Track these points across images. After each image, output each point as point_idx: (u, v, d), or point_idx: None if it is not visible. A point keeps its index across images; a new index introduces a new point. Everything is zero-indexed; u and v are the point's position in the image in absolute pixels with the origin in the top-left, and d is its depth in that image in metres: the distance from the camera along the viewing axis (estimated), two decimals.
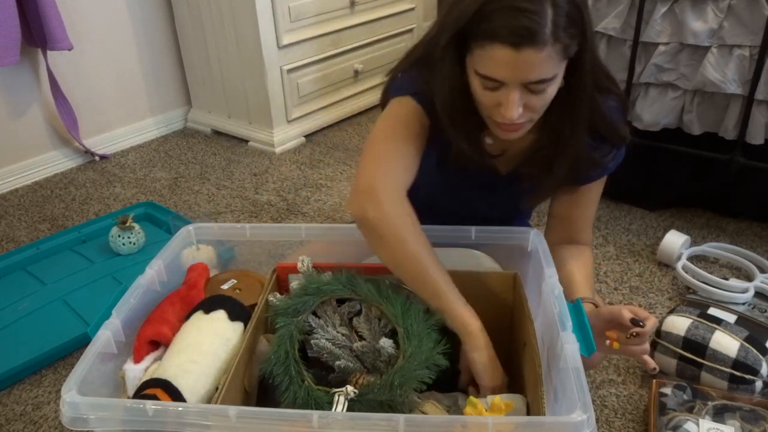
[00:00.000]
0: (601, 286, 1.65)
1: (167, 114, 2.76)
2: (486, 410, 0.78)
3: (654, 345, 1.34)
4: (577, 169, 1.02)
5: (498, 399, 0.77)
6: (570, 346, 0.78)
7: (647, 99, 1.75)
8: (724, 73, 1.60)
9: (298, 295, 0.94)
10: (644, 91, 1.76)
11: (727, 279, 1.57)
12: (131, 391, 0.87)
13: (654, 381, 1.27)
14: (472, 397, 0.79)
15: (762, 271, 1.63)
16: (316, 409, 0.83)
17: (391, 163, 0.94)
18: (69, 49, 2.19)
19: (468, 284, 1.00)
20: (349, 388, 0.83)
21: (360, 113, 2.83)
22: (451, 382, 0.97)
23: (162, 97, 2.72)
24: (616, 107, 1.01)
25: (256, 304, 1.00)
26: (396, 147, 0.96)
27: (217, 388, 0.86)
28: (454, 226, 1.04)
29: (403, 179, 0.95)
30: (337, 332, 0.92)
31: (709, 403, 1.18)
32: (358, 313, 0.94)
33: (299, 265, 0.99)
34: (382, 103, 1.07)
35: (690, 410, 1.17)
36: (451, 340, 0.91)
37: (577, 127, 0.95)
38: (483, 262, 1.06)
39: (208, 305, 0.96)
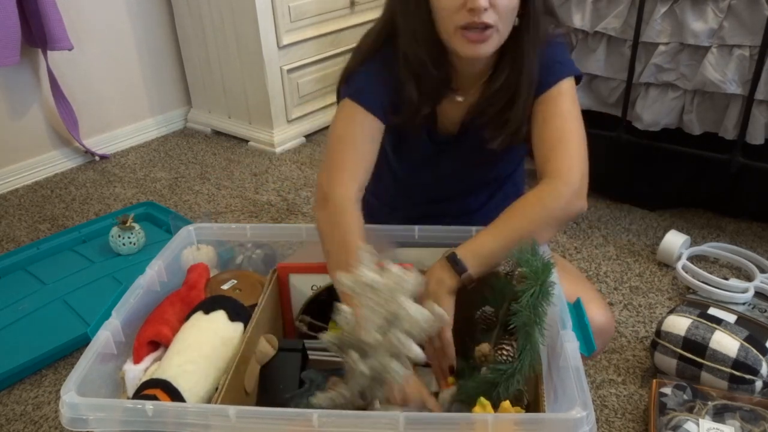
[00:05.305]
0: (601, 286, 1.65)
1: (167, 114, 2.76)
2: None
3: (654, 345, 1.34)
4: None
5: (507, 404, 0.78)
6: (570, 345, 0.78)
7: (647, 99, 1.75)
8: (724, 73, 1.60)
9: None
10: (644, 91, 1.76)
11: (727, 279, 1.57)
12: (131, 392, 0.87)
13: (654, 381, 1.27)
14: (482, 398, 0.80)
15: (762, 271, 1.63)
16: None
17: (345, 169, 1.00)
18: (69, 49, 2.19)
19: (468, 284, 1.00)
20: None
21: None
22: None
23: (162, 97, 2.72)
24: (562, 46, 1.06)
25: (256, 305, 1.00)
26: (350, 150, 1.02)
27: (216, 389, 0.86)
28: (453, 226, 1.04)
29: (358, 181, 1.01)
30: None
31: (709, 403, 1.18)
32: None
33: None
34: (338, 100, 1.11)
35: (690, 410, 1.17)
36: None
37: (531, 53, 0.98)
38: None
39: (208, 305, 0.96)
